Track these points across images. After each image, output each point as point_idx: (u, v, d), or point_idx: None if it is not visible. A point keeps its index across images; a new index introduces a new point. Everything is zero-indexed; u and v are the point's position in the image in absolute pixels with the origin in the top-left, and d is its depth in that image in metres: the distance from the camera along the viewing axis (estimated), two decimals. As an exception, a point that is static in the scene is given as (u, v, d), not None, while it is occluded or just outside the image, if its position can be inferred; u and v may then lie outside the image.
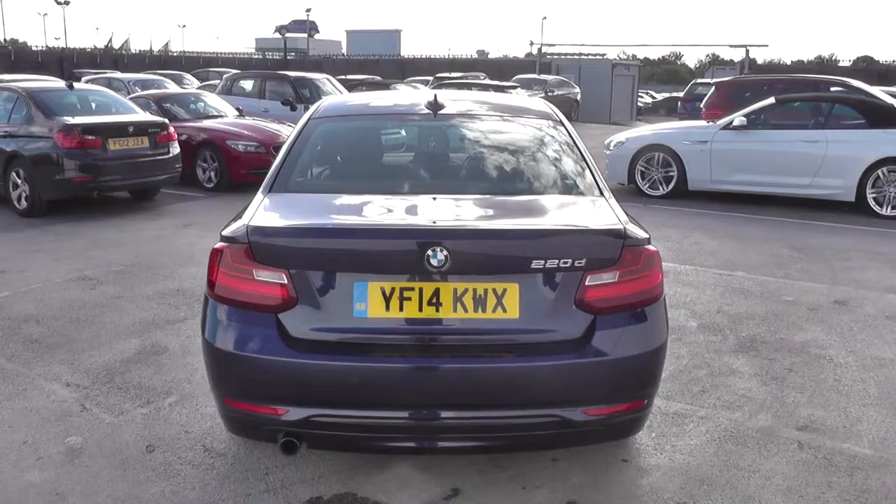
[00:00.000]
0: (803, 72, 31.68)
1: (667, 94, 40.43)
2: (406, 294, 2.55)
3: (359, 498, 2.94)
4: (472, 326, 2.59)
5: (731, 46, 35.91)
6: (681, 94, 34.54)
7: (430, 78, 25.13)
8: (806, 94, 11.17)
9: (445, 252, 2.50)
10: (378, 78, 24.47)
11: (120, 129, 8.01)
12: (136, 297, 5.41)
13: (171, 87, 15.51)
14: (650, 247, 2.77)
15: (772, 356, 4.54)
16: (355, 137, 3.54)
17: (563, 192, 3.15)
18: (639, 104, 34.30)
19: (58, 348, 4.44)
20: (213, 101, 11.37)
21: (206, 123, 10.26)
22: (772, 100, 9.72)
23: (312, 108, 3.72)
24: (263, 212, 2.82)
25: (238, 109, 11.41)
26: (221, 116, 10.84)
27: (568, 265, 2.59)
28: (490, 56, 49.33)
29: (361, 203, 2.95)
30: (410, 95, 4.43)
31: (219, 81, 18.61)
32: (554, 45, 43.80)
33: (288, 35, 42.93)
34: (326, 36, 54.16)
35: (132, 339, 4.62)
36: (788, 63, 44.23)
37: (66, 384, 3.96)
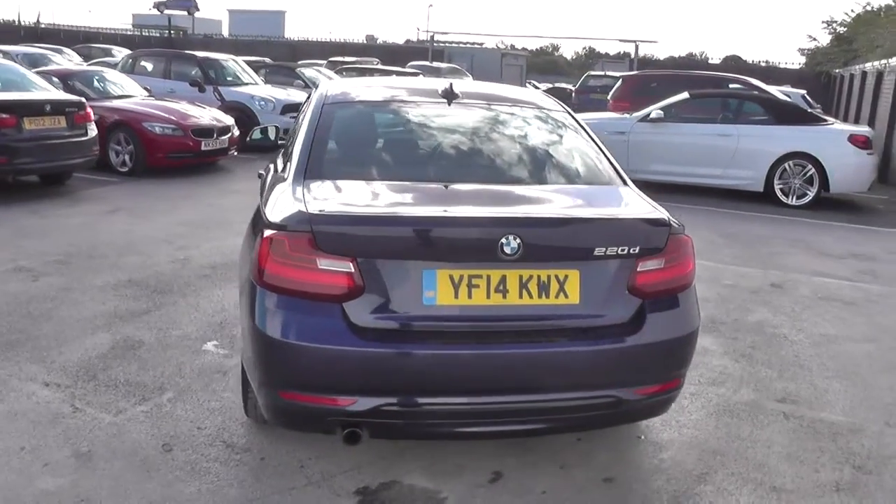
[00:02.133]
0: (676, 68, 33.44)
1: (548, 84, 41.45)
2: (475, 281, 2.57)
3: (406, 486, 2.93)
4: (536, 312, 2.64)
5: (620, 41, 37.43)
6: (563, 85, 36.03)
7: (324, 62, 24.68)
8: (718, 91, 11.92)
9: (519, 240, 2.53)
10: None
11: (36, 108, 7.39)
12: (87, 289, 5.07)
13: (65, 63, 14.40)
14: (686, 234, 2.93)
15: (733, 335, 4.86)
16: (377, 124, 3.48)
17: (593, 182, 3.25)
18: (526, 93, 34.90)
19: (19, 346, 4.10)
20: (120, 79, 10.69)
21: (119, 104, 9.65)
22: (686, 95, 10.29)
23: (319, 94, 3.61)
24: (318, 199, 2.74)
25: (146, 89, 10.81)
26: (131, 97, 10.23)
27: (625, 252, 2.69)
28: (379, 42, 48.80)
29: (410, 190, 2.93)
30: (416, 82, 4.38)
31: (110, 59, 17.53)
32: (447, 34, 44.09)
33: (166, 12, 40.70)
34: (206, 14, 51.79)
35: (100, 333, 4.34)
36: (661, 59, 46.51)
37: (44, 384, 3.67)
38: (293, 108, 12.80)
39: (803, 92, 17.06)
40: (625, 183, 3.28)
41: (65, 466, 2.97)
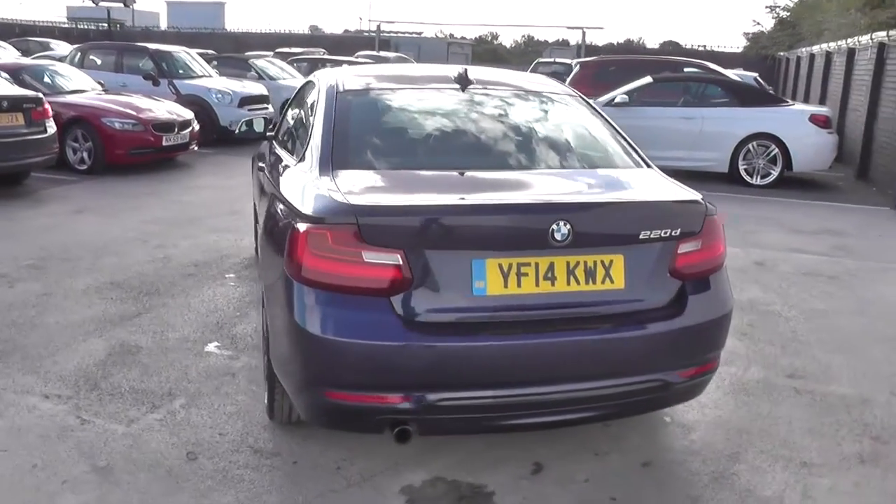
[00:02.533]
0: (616, 53, 33.85)
1: None
2: (524, 269, 2.51)
3: (449, 482, 2.86)
4: (584, 299, 2.60)
5: (567, 28, 37.69)
6: None
7: (271, 53, 24.17)
8: (681, 75, 12.08)
9: (569, 226, 2.48)
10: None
11: (-8, 104, 7.01)
12: (69, 294, 4.83)
13: (4, 58, 13.70)
14: (718, 216, 2.93)
15: (731, 314, 4.92)
16: (396, 112, 3.37)
17: (620, 165, 3.21)
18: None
19: (7, 357, 3.87)
20: (72, 73, 10.22)
21: (75, 99, 9.21)
22: (649, 79, 10.40)
23: (327, 83, 3.48)
24: (356, 191, 2.63)
25: (100, 84, 10.38)
26: (84, 91, 9.80)
27: (667, 235, 2.68)
28: (323, 32, 48.00)
29: (446, 179, 2.84)
30: (425, 69, 4.28)
31: (52, 53, 16.85)
32: (393, 23, 43.70)
33: (101, 4, 39.10)
34: (142, 6, 50.21)
35: (93, 339, 4.13)
36: (600, 45, 46.94)
37: (43, 396, 3.47)
38: (250, 101, 12.52)
39: (755, 75, 17.45)
40: (648, 166, 3.27)
41: (85, 483, 2.81)
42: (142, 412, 3.35)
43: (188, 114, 10.01)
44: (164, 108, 9.78)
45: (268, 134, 4.79)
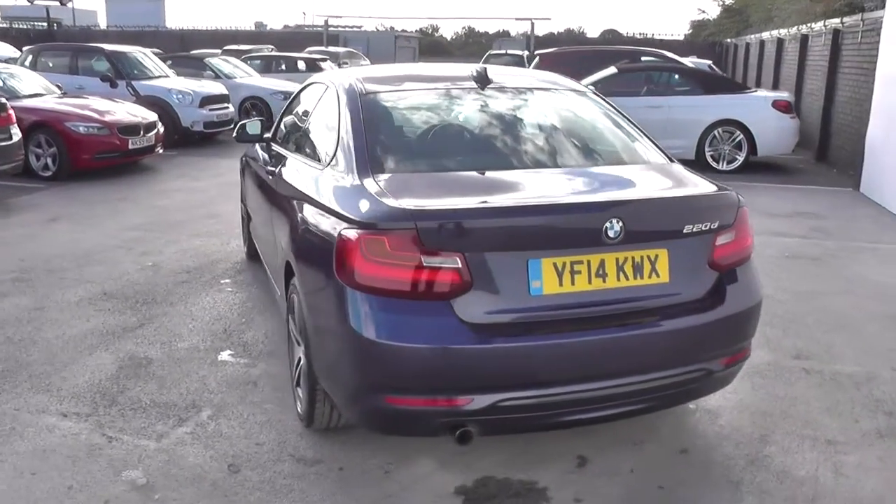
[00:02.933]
0: (558, 43, 34.15)
1: None
2: (577, 267, 2.53)
3: (500, 480, 2.87)
4: (633, 294, 2.63)
5: (517, 20, 37.86)
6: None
7: (219, 51, 23.68)
8: (645, 65, 12.27)
9: (621, 223, 2.51)
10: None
11: (-45, 112, 6.70)
12: (63, 307, 4.68)
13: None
14: (746, 207, 3.00)
15: (727, 299, 5.04)
16: (423, 114, 3.34)
17: (650, 161, 3.25)
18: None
19: (13, 375, 3.73)
20: (28, 76, 9.85)
21: (35, 103, 8.87)
22: (613, 69, 10.54)
23: (345, 85, 3.42)
24: (406, 195, 2.60)
25: (58, 87, 10.03)
26: (42, 95, 9.45)
27: (706, 228, 2.73)
28: (268, 28, 47.19)
29: (491, 179, 2.84)
30: (440, 69, 4.25)
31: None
32: (340, 17, 43.24)
33: (37, 2, 37.79)
34: (79, 4, 48.39)
35: (99, 353, 4.01)
36: (540, 35, 47.18)
37: (61, 414, 3.36)
38: (211, 101, 12.27)
39: (709, 62, 17.87)
40: (671, 160, 3.32)
41: (128, 501, 2.74)
42: (169, 426, 3.27)
43: (152, 116, 9.76)
44: (126, 111, 9.52)
45: (265, 136, 4.70)
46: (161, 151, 9.91)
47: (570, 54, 14.99)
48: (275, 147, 4.41)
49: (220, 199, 8.09)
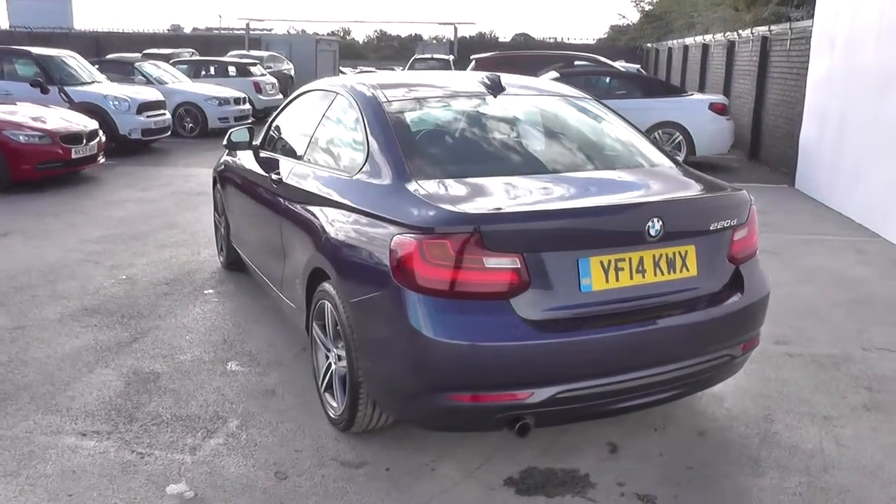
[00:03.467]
0: (472, 47, 34.62)
1: (353, 69, 40.52)
2: (619, 264, 2.68)
3: (543, 470, 2.99)
4: (668, 288, 2.80)
5: (440, 24, 38.13)
6: (368, 69, 36.27)
7: (139, 55, 22.93)
8: (585, 69, 12.64)
9: (661, 222, 2.69)
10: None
11: None
12: (45, 325, 4.52)
13: None
14: (754, 205, 3.23)
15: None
16: (447, 121, 3.43)
17: (662, 163, 3.42)
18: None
19: (13, 398, 3.58)
20: (-45, 86, 9.36)
21: (-32, 113, 8.46)
22: (554, 74, 10.84)
23: (365, 94, 3.46)
24: (461, 200, 2.69)
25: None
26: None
27: (727, 225, 2.94)
28: (185, 31, 45.71)
29: (533, 183, 2.96)
30: (451, 77, 4.33)
31: None
32: (262, 20, 42.44)
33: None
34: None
35: (100, 370, 3.91)
36: (452, 40, 47.43)
37: (79, 434, 3.27)
38: (148, 108, 11.93)
39: (638, 66, 18.54)
40: (677, 162, 3.52)
41: (181, 515, 2.72)
42: (199, 438, 3.24)
43: (93, 123, 9.43)
44: (61, 117, 9.16)
45: (254, 144, 4.68)
46: (103, 161, 9.59)
47: (506, 58, 15.27)
48: (267, 154, 4.40)
49: (175, 209, 7.92)
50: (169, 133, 12.79)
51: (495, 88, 3.56)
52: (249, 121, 15.67)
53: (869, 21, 7.60)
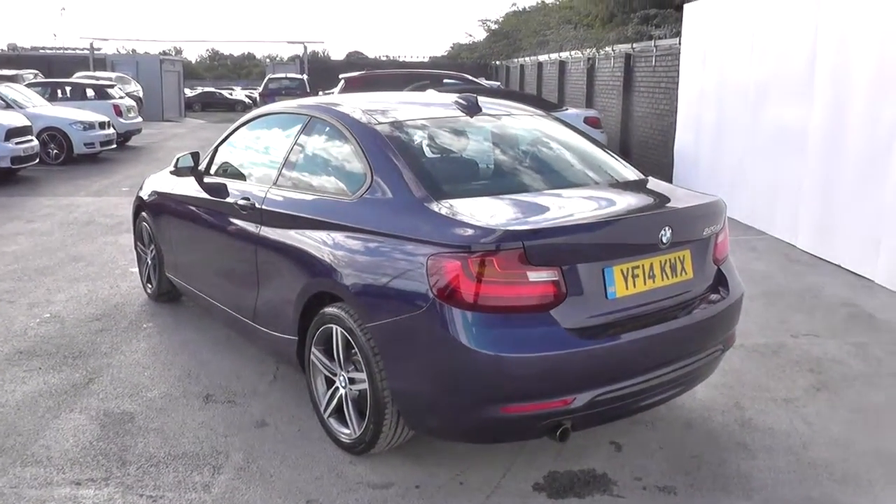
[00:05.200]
0: (302, 65, 34.79)
1: (191, 90, 39.32)
2: (635, 272, 2.87)
3: (563, 473, 3.11)
4: (673, 290, 3.02)
5: (289, 42, 37.77)
6: (210, 89, 35.51)
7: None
8: (463, 87, 12.91)
9: (671, 230, 2.91)
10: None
11: None
12: (-19, 372, 4.14)
13: None
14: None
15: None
16: (443, 142, 3.48)
17: (637, 176, 3.65)
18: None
19: (-23, 451, 3.29)
20: None
21: None
22: (431, 92, 11.09)
23: (353, 116, 3.46)
24: (494, 217, 2.76)
25: None
26: None
27: (713, 230, 3.22)
28: (26, 50, 42.22)
29: (547, 200, 3.08)
30: (426, 97, 4.34)
31: None
32: (107, 40, 40.08)
33: None
34: None
35: (66, 415, 3.63)
36: (285, 59, 46.91)
37: (73, 483, 3.03)
38: (17, 134, 11.05)
39: (498, 83, 19.25)
40: (643, 174, 3.78)
41: (221, 556, 2.61)
42: (208, 475, 3.10)
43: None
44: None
45: (199, 169, 4.52)
46: (-26, 192, 8.79)
47: (375, 76, 15.19)
48: (219, 181, 4.25)
49: (72, 241, 7.41)
50: (37, 160, 11.89)
51: (472, 109, 3.68)
52: (113, 146, 14.85)
53: (741, 40, 8.41)
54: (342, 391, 3.22)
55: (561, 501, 2.92)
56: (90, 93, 17.49)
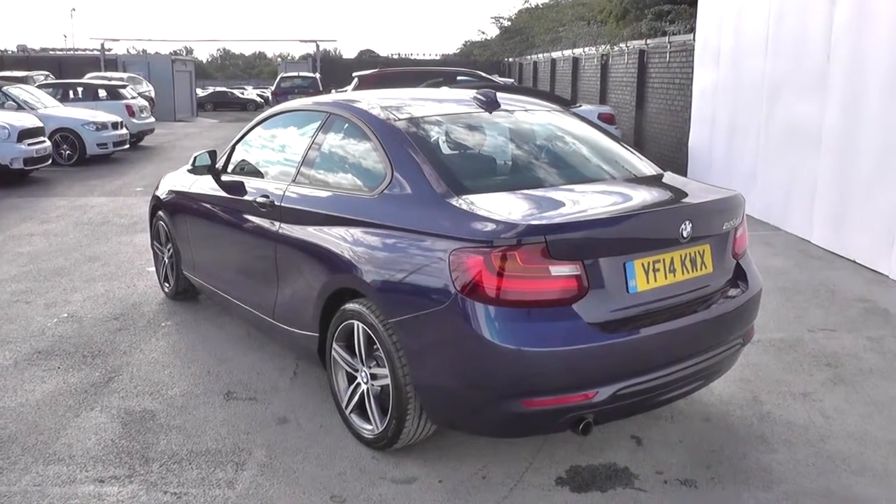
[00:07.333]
0: (314, 64, 34.86)
1: (202, 90, 39.49)
2: (656, 266, 2.87)
3: (585, 467, 3.11)
4: (693, 285, 3.02)
5: (301, 41, 37.95)
6: (222, 88, 35.56)
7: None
8: (476, 84, 12.90)
9: (691, 224, 2.91)
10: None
11: None
12: (2, 373, 4.16)
13: None
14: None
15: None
16: (460, 138, 3.49)
17: (658, 171, 3.64)
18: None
19: (3, 452, 3.29)
20: None
21: None
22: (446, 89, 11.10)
23: (372, 113, 3.48)
24: (516, 212, 2.77)
25: None
26: None
27: (732, 224, 3.22)
28: (36, 51, 42.54)
29: (569, 195, 3.08)
30: (443, 93, 4.35)
31: None
32: (118, 41, 40.29)
33: None
34: None
35: (87, 413, 3.66)
36: (297, 58, 47.06)
37: (96, 481, 3.06)
38: (29, 135, 11.13)
39: (512, 80, 19.26)
40: (660, 168, 3.79)
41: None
42: (231, 472, 3.13)
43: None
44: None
45: (217, 167, 4.55)
46: (-10, 194, 8.86)
47: (389, 74, 15.26)
48: (238, 178, 4.27)
49: (87, 242, 7.46)
50: (50, 161, 11.96)
51: (490, 105, 3.68)
52: (126, 146, 14.93)
53: (755, 36, 8.38)
54: (364, 387, 3.24)
55: (583, 495, 2.93)
56: (102, 93, 17.58)
